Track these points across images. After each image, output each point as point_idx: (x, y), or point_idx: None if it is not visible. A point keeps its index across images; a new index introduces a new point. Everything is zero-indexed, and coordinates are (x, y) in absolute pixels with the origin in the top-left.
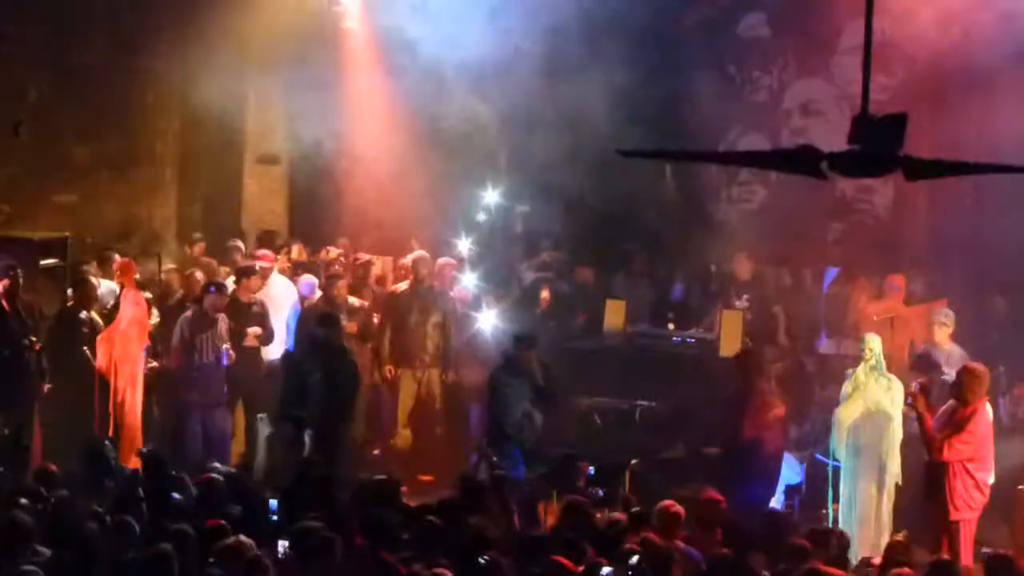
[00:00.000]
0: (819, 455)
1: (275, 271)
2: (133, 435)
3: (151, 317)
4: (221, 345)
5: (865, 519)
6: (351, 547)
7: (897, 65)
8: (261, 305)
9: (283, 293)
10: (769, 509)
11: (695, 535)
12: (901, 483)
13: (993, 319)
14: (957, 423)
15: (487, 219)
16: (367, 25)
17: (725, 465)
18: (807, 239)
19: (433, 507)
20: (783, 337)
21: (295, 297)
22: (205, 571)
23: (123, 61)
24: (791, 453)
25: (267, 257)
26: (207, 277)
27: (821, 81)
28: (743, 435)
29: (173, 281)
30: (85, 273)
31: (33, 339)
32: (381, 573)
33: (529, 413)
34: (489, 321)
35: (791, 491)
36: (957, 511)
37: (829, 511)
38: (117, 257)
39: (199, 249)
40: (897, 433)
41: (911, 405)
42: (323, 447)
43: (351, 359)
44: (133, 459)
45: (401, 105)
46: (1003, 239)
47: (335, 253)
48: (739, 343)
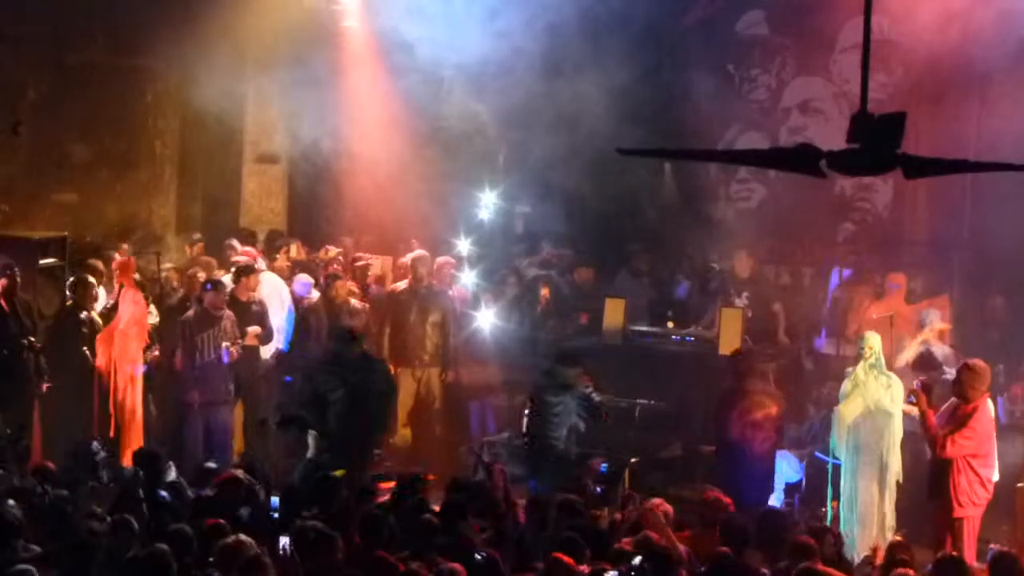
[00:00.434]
0: (819, 453)
1: (264, 270)
2: (134, 435)
3: (150, 316)
4: (222, 343)
5: (866, 517)
6: (350, 546)
7: (896, 63)
8: (260, 304)
9: (272, 293)
10: (768, 508)
11: (697, 534)
12: (901, 481)
13: (992, 318)
14: (959, 419)
15: (486, 218)
16: (366, 24)
17: (718, 464)
18: (806, 238)
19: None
20: (783, 336)
21: (286, 296)
22: (205, 571)
23: (122, 61)
24: (791, 452)
25: (248, 255)
26: (206, 276)
27: (820, 79)
28: (732, 434)
29: (172, 280)
30: (89, 270)
31: (32, 338)
32: (379, 572)
33: (575, 426)
34: (488, 320)
35: (791, 489)
36: (961, 508)
37: (828, 509)
38: (116, 256)
39: (198, 248)
40: (897, 431)
41: (913, 403)
42: (349, 458)
43: (380, 370)
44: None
45: (400, 104)
46: (1002, 238)
47: (334, 252)
48: (739, 341)
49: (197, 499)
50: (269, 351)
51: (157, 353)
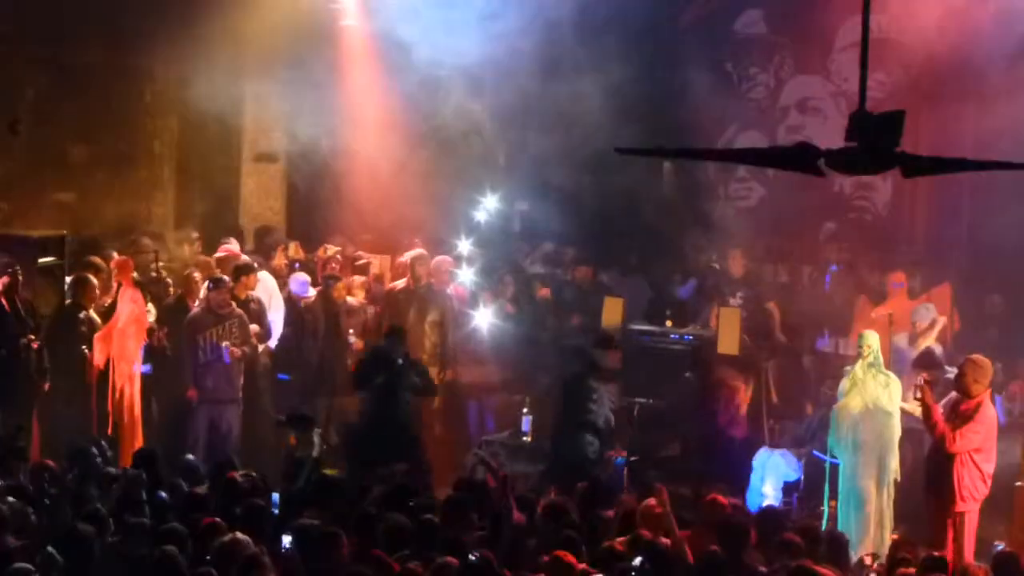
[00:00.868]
0: (817, 452)
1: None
2: (133, 433)
3: (149, 315)
4: (222, 343)
5: (864, 516)
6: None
7: (894, 62)
8: (258, 302)
9: (260, 292)
10: (767, 507)
11: (695, 534)
12: (899, 479)
13: (990, 316)
14: (964, 414)
15: (484, 218)
16: (365, 23)
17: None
18: (805, 236)
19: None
20: (779, 334)
21: (275, 295)
22: (204, 569)
23: (121, 60)
24: (789, 450)
25: (230, 252)
26: (204, 275)
27: (818, 78)
28: (718, 426)
29: (169, 279)
30: (89, 267)
31: (32, 337)
32: (374, 570)
33: (608, 417)
34: (486, 319)
35: (789, 488)
36: (963, 502)
37: (826, 508)
38: (115, 255)
39: (196, 247)
40: (895, 429)
41: (919, 399)
42: (374, 453)
43: (420, 372)
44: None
45: (399, 103)
46: (1000, 236)
47: (332, 251)
48: (737, 340)
49: (189, 496)
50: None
51: (158, 337)
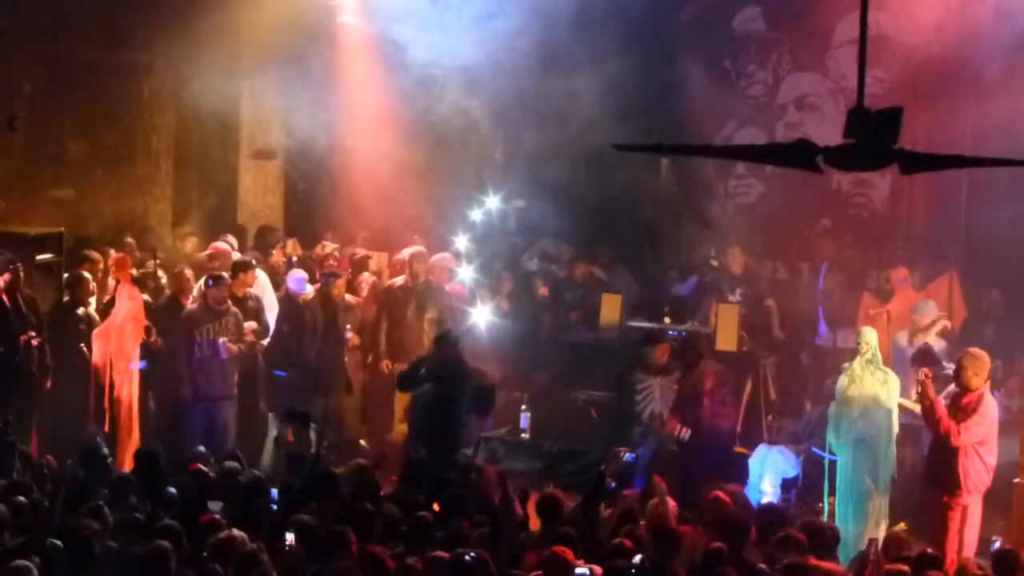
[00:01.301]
0: (815, 449)
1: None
2: (130, 430)
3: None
4: (219, 339)
5: (862, 512)
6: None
7: (892, 59)
8: (256, 300)
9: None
10: (767, 504)
11: (697, 532)
12: (896, 476)
13: (988, 312)
14: (966, 408)
15: (483, 214)
16: (363, 20)
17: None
18: (803, 233)
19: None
20: (778, 331)
21: (268, 291)
22: (207, 566)
23: (118, 56)
24: (788, 447)
25: (219, 250)
26: (195, 272)
27: (816, 75)
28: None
29: (162, 276)
30: (86, 262)
31: (33, 334)
32: (369, 566)
33: (658, 412)
34: (484, 316)
35: (788, 485)
36: (969, 494)
37: (825, 504)
38: (113, 252)
39: (192, 244)
40: (894, 426)
41: (921, 393)
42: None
43: (471, 375)
44: (131, 455)
45: (397, 100)
46: (998, 232)
47: (330, 248)
48: (736, 337)
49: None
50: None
51: (155, 339)
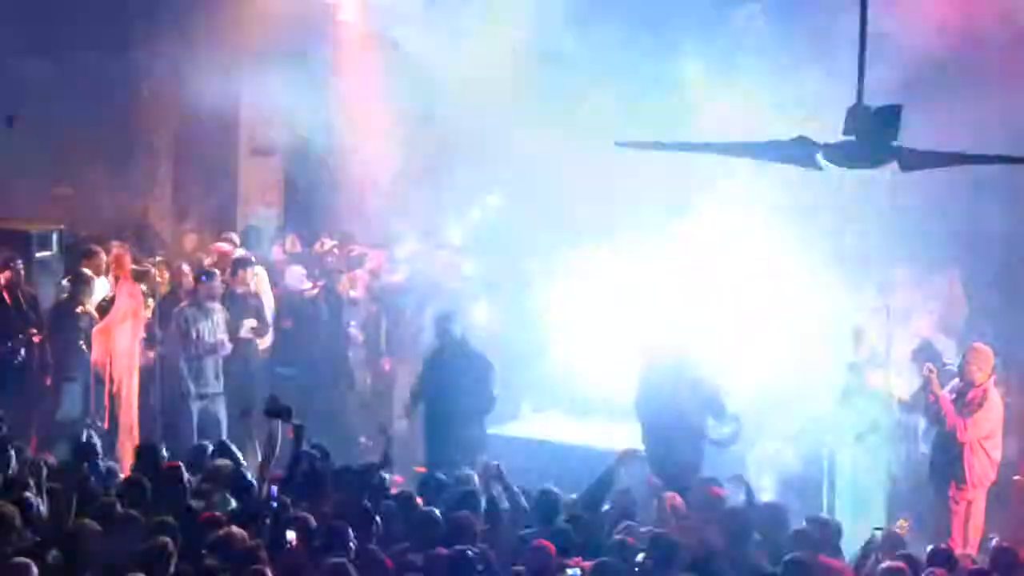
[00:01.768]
0: (815, 446)
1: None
2: (129, 427)
3: (146, 309)
4: (217, 336)
5: (863, 508)
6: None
7: (892, 57)
8: (256, 297)
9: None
10: (768, 501)
11: (694, 527)
12: (897, 472)
13: (988, 310)
14: (971, 403)
15: (483, 211)
16: (362, 17)
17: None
18: None
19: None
20: None
21: (266, 288)
22: (207, 563)
23: (118, 54)
24: (787, 444)
25: (219, 250)
26: (194, 269)
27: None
28: None
29: (163, 273)
30: (87, 259)
31: (34, 331)
32: (367, 565)
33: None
34: (483, 314)
35: (787, 482)
36: (975, 488)
37: (824, 502)
38: (113, 249)
39: (191, 241)
40: (893, 423)
41: (927, 389)
42: (442, 442)
43: (476, 356)
44: (129, 451)
45: (396, 97)
46: (997, 231)
47: (329, 244)
48: None
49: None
50: (266, 344)
51: (153, 354)
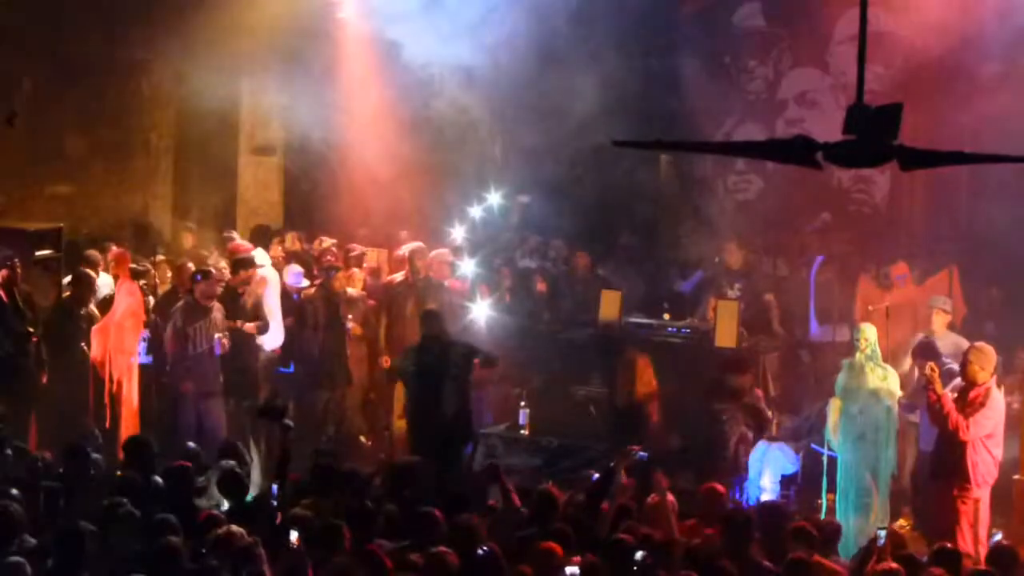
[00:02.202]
0: (815, 445)
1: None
2: (130, 426)
3: (146, 308)
4: (215, 334)
5: (862, 509)
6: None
7: (893, 55)
8: (257, 295)
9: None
10: (767, 501)
11: (694, 525)
12: (896, 473)
13: (988, 309)
14: (974, 402)
15: (483, 209)
16: (362, 15)
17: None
18: (803, 229)
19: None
20: (777, 326)
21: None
22: (206, 562)
23: (118, 52)
24: (787, 444)
25: (238, 247)
26: (196, 267)
27: (817, 71)
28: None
29: (164, 272)
30: (85, 265)
31: (31, 329)
32: (367, 564)
33: (744, 435)
34: (483, 312)
35: (787, 481)
36: (978, 487)
37: (824, 501)
38: (113, 248)
39: (191, 240)
40: (893, 423)
41: (928, 388)
42: (428, 441)
43: (456, 351)
44: None
45: (395, 96)
46: (998, 229)
47: (327, 243)
48: (736, 333)
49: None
50: (270, 343)
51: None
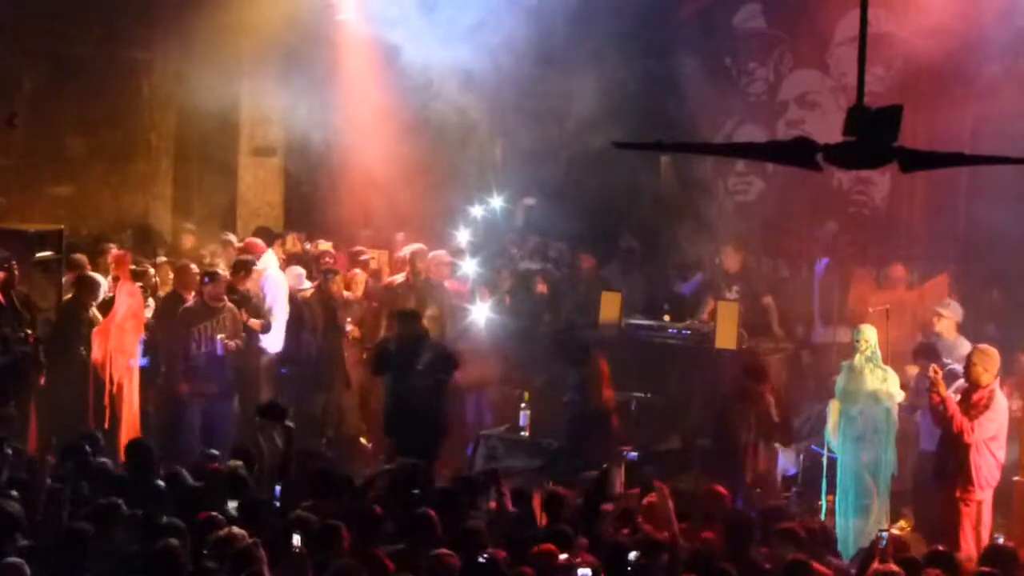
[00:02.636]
0: (815, 447)
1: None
2: (130, 427)
3: (146, 309)
4: (216, 336)
5: (862, 510)
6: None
7: (893, 57)
8: (259, 296)
9: (269, 287)
10: (768, 503)
11: (694, 527)
12: (896, 474)
13: (989, 310)
14: (978, 404)
15: (484, 211)
16: (362, 17)
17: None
18: (804, 231)
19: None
20: (777, 328)
21: (281, 289)
22: (205, 564)
23: (118, 53)
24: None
25: (253, 246)
26: (199, 269)
27: (817, 73)
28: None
29: (166, 273)
30: (73, 268)
31: (29, 331)
32: (368, 567)
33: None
34: (483, 313)
35: (787, 483)
36: (982, 489)
37: (824, 502)
38: (113, 249)
39: (191, 241)
40: (893, 424)
41: (931, 390)
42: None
43: (432, 352)
44: None
45: (396, 97)
46: (999, 230)
47: (324, 246)
48: (736, 334)
49: (188, 490)
50: (272, 346)
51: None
